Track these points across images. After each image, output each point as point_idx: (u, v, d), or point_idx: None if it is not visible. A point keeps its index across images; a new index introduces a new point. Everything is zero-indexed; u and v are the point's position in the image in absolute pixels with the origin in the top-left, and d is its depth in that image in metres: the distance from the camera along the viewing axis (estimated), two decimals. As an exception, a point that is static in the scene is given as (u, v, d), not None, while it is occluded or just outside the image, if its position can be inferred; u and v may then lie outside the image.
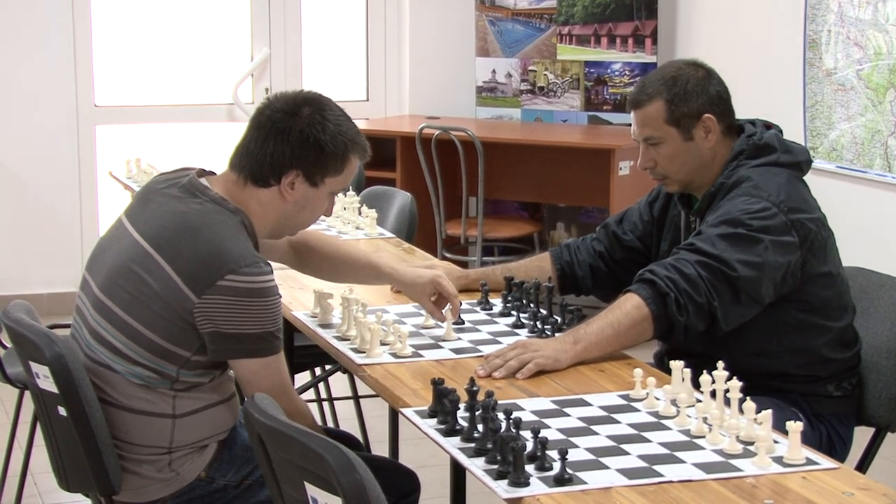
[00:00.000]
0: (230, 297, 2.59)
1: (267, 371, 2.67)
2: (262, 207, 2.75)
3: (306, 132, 2.70)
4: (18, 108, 6.63)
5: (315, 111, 2.72)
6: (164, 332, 2.65)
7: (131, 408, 2.71)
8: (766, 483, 2.20)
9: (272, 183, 2.73)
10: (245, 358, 2.66)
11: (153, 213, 2.73)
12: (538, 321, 3.05)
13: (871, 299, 3.19)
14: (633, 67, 6.70)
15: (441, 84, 7.27)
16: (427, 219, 6.30)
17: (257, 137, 2.73)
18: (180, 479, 2.76)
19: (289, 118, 2.71)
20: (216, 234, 2.64)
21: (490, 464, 2.23)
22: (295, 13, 7.14)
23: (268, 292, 2.63)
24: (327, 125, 2.72)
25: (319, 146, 2.71)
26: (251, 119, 2.78)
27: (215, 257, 2.61)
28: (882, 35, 5.25)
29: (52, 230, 6.75)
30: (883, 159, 5.30)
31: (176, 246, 2.65)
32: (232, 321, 2.61)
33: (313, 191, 2.75)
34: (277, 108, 2.73)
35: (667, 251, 3.16)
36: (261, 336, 2.64)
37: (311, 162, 2.72)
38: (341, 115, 2.77)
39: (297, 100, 2.74)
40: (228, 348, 2.65)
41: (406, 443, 4.25)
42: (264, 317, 2.63)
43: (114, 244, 2.78)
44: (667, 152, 3.06)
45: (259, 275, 2.61)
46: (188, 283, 2.61)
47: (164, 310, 2.63)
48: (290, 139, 2.70)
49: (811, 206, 3.01)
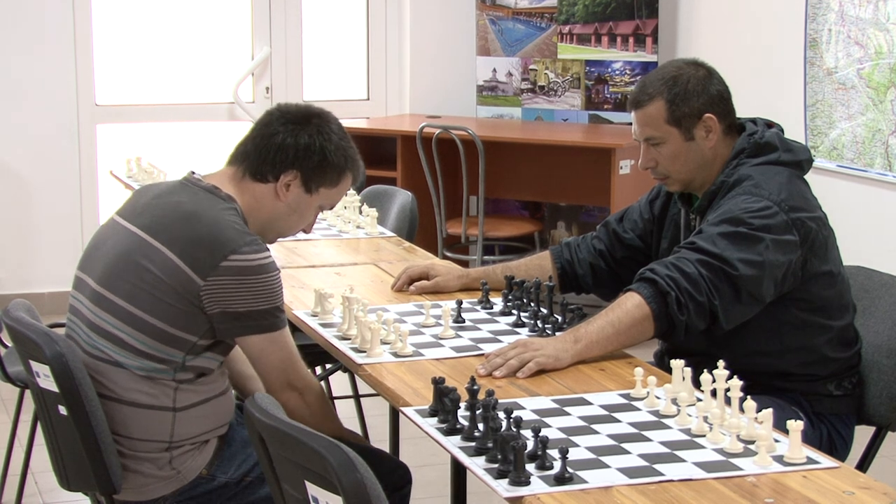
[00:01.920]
0: (235, 276, 2.66)
1: (275, 346, 2.73)
2: (257, 202, 2.82)
3: (314, 137, 2.82)
4: (19, 107, 6.63)
5: (323, 123, 2.85)
6: (169, 317, 2.68)
7: (132, 401, 2.72)
8: (766, 482, 2.20)
9: (270, 179, 2.81)
10: (253, 335, 2.71)
11: (147, 207, 2.80)
12: (539, 320, 3.05)
13: (872, 298, 3.19)
14: (633, 66, 6.70)
15: (442, 83, 7.27)
16: (428, 218, 6.30)
17: (265, 134, 2.83)
18: (181, 476, 2.77)
19: (298, 122, 2.83)
20: (212, 217, 2.71)
21: (491, 463, 2.23)
22: (296, 12, 7.14)
23: (269, 268, 2.70)
24: (333, 137, 2.84)
25: (323, 154, 2.82)
26: (259, 120, 2.88)
27: (215, 239, 2.67)
28: (883, 34, 5.25)
29: (52, 229, 6.75)
30: (883, 158, 5.30)
31: (173, 231, 2.71)
32: (238, 300, 2.67)
33: (306, 197, 2.84)
34: (289, 112, 2.86)
35: (667, 250, 3.16)
36: (267, 311, 2.70)
37: (312, 166, 2.81)
38: (345, 134, 2.90)
39: (308, 111, 2.88)
40: (237, 326, 2.70)
41: (406, 442, 4.25)
42: (269, 292, 2.70)
43: (108, 240, 2.82)
44: (668, 152, 3.06)
45: (259, 252, 2.69)
46: (192, 266, 2.66)
47: (168, 295, 2.67)
48: (297, 140, 2.80)
49: (812, 204, 3.01)
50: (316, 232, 4.25)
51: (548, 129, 6.80)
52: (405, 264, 3.58)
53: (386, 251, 3.98)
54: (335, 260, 3.88)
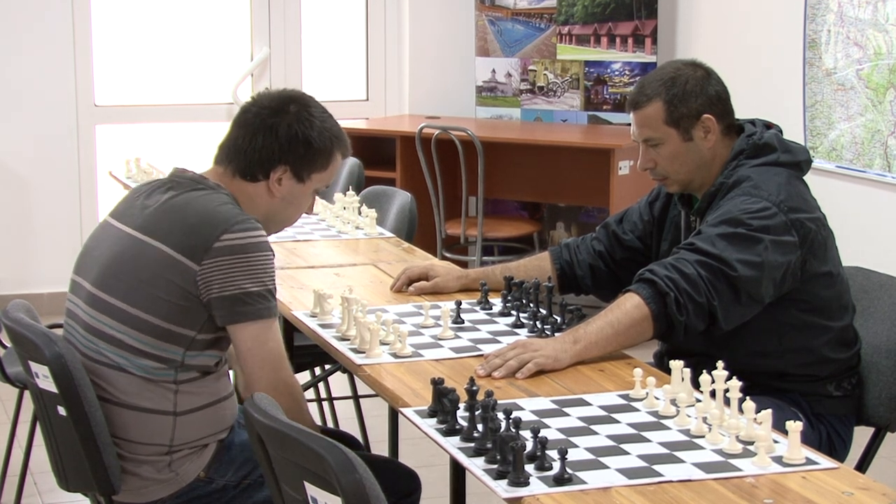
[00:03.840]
0: (228, 255, 2.65)
1: (266, 336, 2.70)
2: (251, 200, 2.81)
3: (295, 128, 2.78)
4: (18, 107, 6.63)
5: (301, 108, 2.80)
6: (166, 313, 2.67)
7: (132, 405, 2.72)
8: (765, 483, 2.20)
9: (260, 178, 2.79)
10: (248, 321, 2.67)
11: (139, 207, 2.79)
12: (538, 321, 3.05)
13: (871, 299, 3.19)
14: (632, 67, 6.70)
15: (441, 84, 7.27)
16: (427, 218, 6.30)
17: (245, 134, 2.79)
18: (179, 479, 2.76)
19: (276, 115, 2.78)
20: (202, 205, 2.71)
21: (490, 463, 2.23)
22: (295, 13, 7.14)
23: (263, 246, 2.69)
24: (314, 121, 2.80)
25: (308, 142, 2.79)
26: (236, 117, 2.84)
27: (207, 223, 2.67)
28: (882, 35, 5.25)
29: (51, 229, 6.75)
30: (882, 159, 5.30)
31: (166, 226, 2.70)
32: (233, 280, 2.65)
33: (300, 186, 2.82)
34: (264, 106, 2.81)
35: (667, 251, 3.16)
36: (261, 294, 2.68)
37: (299, 157, 2.79)
38: (325, 113, 2.85)
39: (282, 98, 2.82)
40: (234, 311, 2.67)
41: (406, 442, 4.25)
42: (262, 272, 2.68)
43: (102, 242, 2.82)
44: (666, 153, 3.06)
45: (252, 230, 2.68)
46: (186, 254, 2.66)
47: (165, 290, 2.66)
48: (279, 135, 2.77)
49: (811, 205, 3.01)
50: (315, 233, 4.25)
51: (547, 129, 6.80)
52: (404, 265, 3.58)
53: (385, 252, 3.98)
54: (334, 261, 3.88)
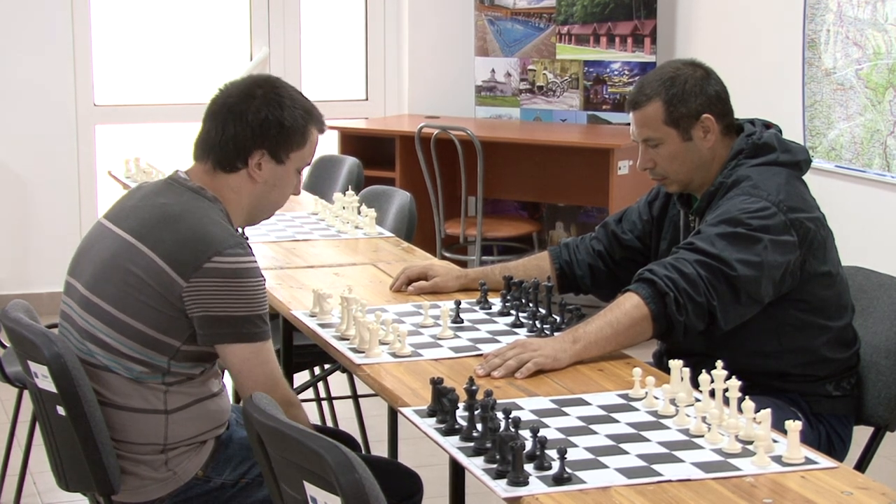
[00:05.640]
0: (217, 278, 2.63)
1: (258, 359, 2.69)
2: (236, 193, 2.80)
3: (264, 111, 2.77)
4: (18, 107, 6.63)
5: (269, 90, 2.80)
6: (153, 321, 2.67)
7: (124, 406, 2.72)
8: (765, 482, 2.20)
9: (239, 166, 2.79)
10: (235, 343, 2.67)
11: (133, 209, 2.79)
12: (537, 320, 3.05)
13: (871, 299, 3.19)
14: (632, 67, 6.70)
15: (440, 83, 7.27)
16: (426, 218, 6.30)
17: (215, 125, 2.79)
18: (177, 478, 2.76)
19: (244, 101, 2.78)
20: (198, 220, 2.69)
21: (489, 463, 2.23)
22: (294, 12, 7.14)
23: (253, 273, 2.68)
24: (283, 101, 2.79)
25: (279, 123, 2.78)
26: (206, 110, 2.83)
27: (199, 241, 2.65)
28: (881, 35, 5.25)
29: (51, 229, 6.74)
30: (882, 158, 5.30)
31: (158, 234, 2.69)
32: (220, 303, 2.64)
33: (281, 168, 2.81)
34: (231, 94, 2.80)
35: (666, 251, 3.16)
36: (249, 318, 2.66)
37: (273, 139, 2.78)
38: (294, 91, 2.84)
39: (248, 83, 2.82)
40: (218, 332, 2.66)
41: (405, 442, 4.25)
42: (251, 298, 2.66)
43: (96, 244, 2.82)
44: (666, 153, 3.06)
45: (243, 255, 2.67)
46: (175, 268, 2.64)
47: (152, 298, 2.66)
48: (250, 120, 2.76)
49: (810, 205, 3.01)
50: (314, 232, 4.25)
51: (546, 129, 6.80)
52: (404, 265, 3.58)
53: (384, 251, 3.98)
54: (334, 260, 3.88)
